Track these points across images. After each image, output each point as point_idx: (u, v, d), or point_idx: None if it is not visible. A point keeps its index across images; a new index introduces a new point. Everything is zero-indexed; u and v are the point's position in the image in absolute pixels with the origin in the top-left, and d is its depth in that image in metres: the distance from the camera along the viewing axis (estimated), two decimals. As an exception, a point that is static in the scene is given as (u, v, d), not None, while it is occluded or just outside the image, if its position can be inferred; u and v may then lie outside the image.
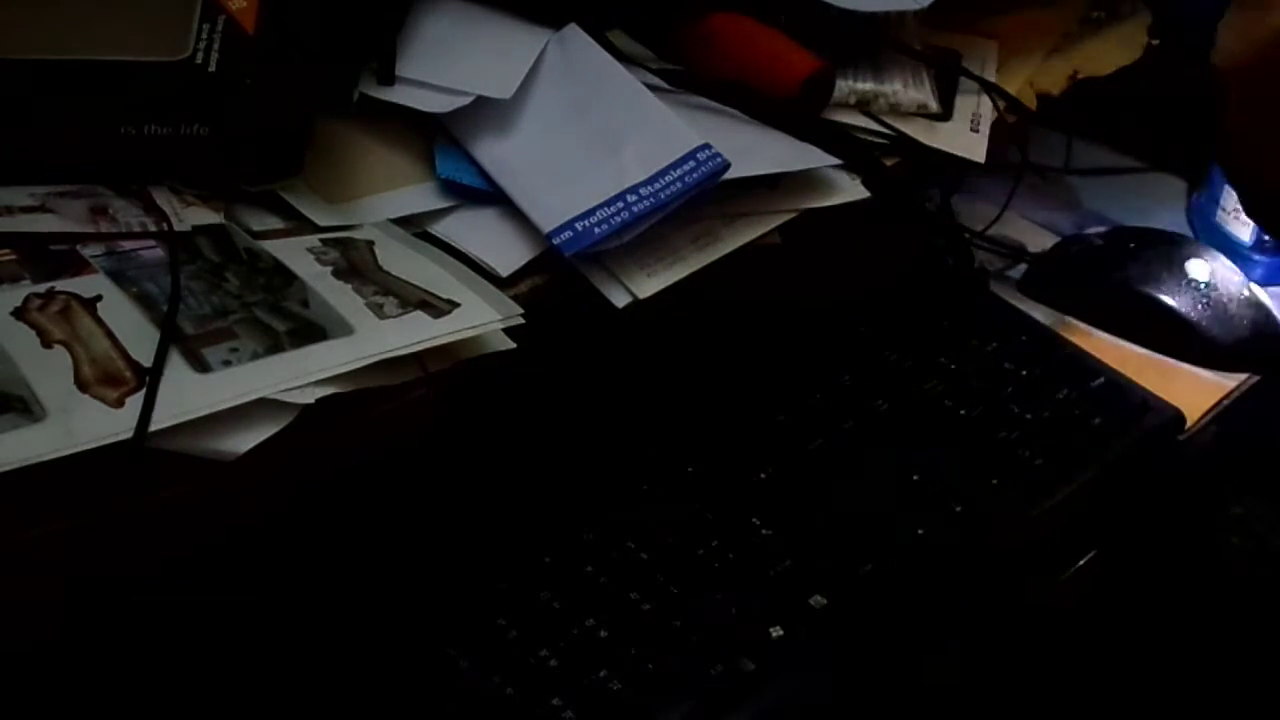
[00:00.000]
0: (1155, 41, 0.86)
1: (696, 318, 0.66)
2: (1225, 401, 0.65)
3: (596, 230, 0.60)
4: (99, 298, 0.51)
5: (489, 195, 0.64)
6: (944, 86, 0.79)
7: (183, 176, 0.59)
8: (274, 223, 0.60)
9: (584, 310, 0.61)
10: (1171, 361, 0.67)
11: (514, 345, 0.56)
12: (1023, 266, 0.73)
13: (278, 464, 0.49)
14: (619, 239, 0.62)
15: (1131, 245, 0.72)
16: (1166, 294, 0.68)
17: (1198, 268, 0.69)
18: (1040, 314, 0.69)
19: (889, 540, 0.54)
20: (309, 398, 0.49)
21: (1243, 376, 0.67)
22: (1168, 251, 0.71)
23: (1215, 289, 0.69)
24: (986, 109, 0.78)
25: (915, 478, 0.57)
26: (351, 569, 0.52)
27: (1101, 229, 0.75)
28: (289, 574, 0.51)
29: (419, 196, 0.64)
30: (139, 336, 0.50)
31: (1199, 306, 0.68)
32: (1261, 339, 0.67)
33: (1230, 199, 0.76)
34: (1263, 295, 0.70)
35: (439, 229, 0.63)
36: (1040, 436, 0.59)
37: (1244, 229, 0.77)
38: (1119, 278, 0.69)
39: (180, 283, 0.53)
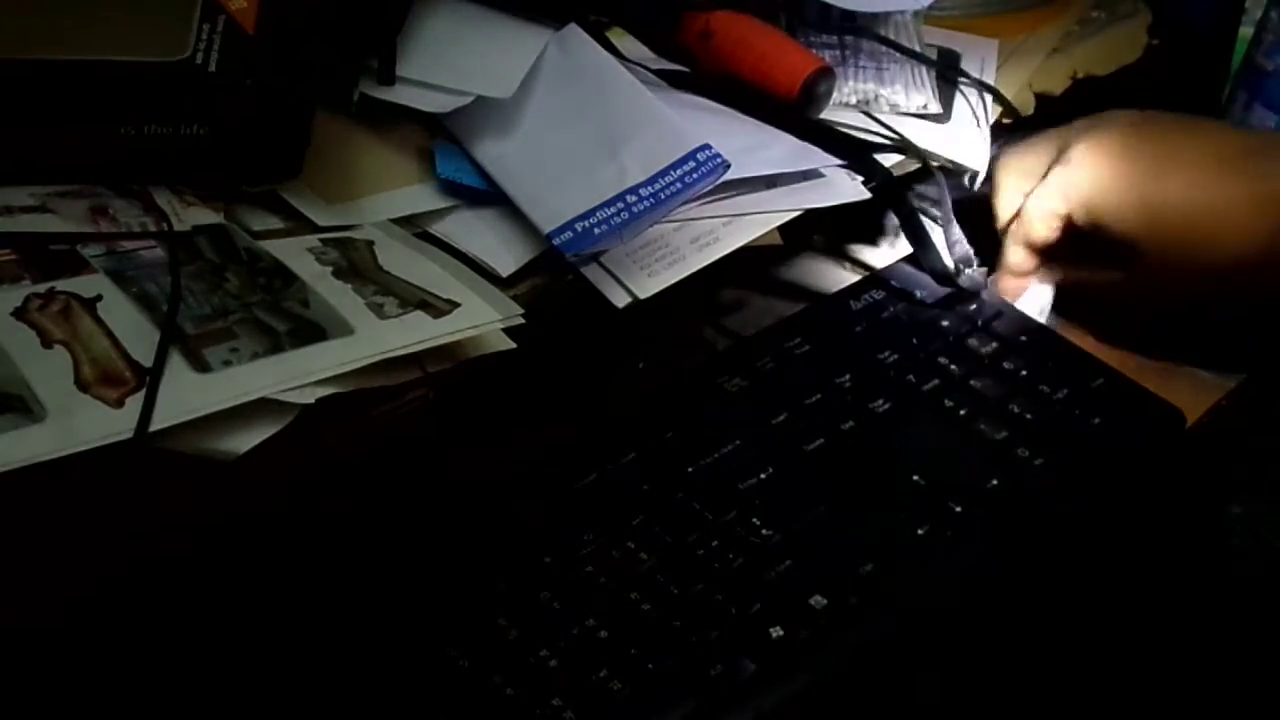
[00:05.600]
0: (1155, 41, 0.87)
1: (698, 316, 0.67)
2: (1225, 401, 0.65)
3: (596, 231, 0.60)
4: (99, 298, 0.51)
5: (489, 195, 0.64)
6: (944, 86, 0.79)
7: (183, 176, 0.59)
8: (274, 223, 0.60)
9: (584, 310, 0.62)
10: (1171, 361, 0.67)
11: (514, 345, 0.56)
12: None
13: (278, 464, 0.49)
14: (619, 239, 0.62)
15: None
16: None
17: None
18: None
19: (889, 540, 0.54)
20: (309, 398, 0.49)
21: (1243, 376, 0.67)
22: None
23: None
24: (986, 109, 0.78)
25: (915, 478, 0.57)
26: (352, 569, 0.52)
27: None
28: (289, 574, 0.51)
29: (419, 196, 0.64)
30: (139, 336, 0.50)
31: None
32: (1261, 338, 0.67)
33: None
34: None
35: (439, 229, 0.63)
36: (1040, 436, 0.59)
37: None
38: None
39: (180, 283, 0.53)
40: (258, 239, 0.58)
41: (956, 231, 0.70)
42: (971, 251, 0.70)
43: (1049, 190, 0.65)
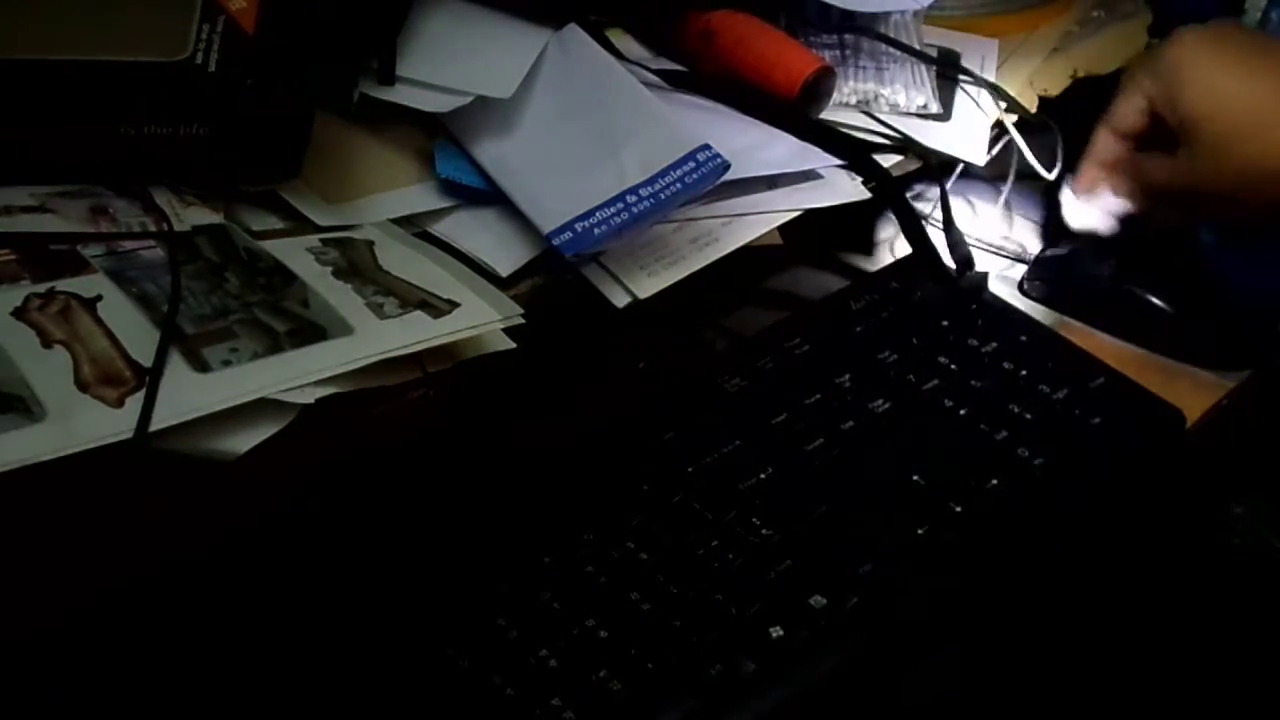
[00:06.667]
0: (1155, 41, 0.86)
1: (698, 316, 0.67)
2: (1225, 401, 0.65)
3: (596, 231, 0.60)
4: (99, 298, 0.51)
5: (489, 195, 0.64)
6: (944, 86, 0.79)
7: (183, 176, 0.59)
8: (274, 223, 0.60)
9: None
10: (1171, 361, 0.67)
11: (514, 345, 0.56)
12: (1022, 268, 0.73)
13: (278, 464, 0.49)
14: (619, 240, 0.62)
15: (1124, 247, 0.72)
16: (1164, 295, 0.68)
17: (1192, 267, 0.69)
18: (1040, 314, 0.69)
19: (889, 540, 0.54)
20: (309, 398, 0.49)
21: (1243, 376, 0.67)
22: (1162, 253, 0.71)
23: (1210, 287, 0.69)
24: (986, 109, 0.78)
25: (915, 478, 0.57)
26: (352, 569, 0.52)
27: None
28: (289, 574, 0.51)
29: (419, 196, 0.64)
30: (139, 336, 0.50)
31: (1196, 306, 0.68)
32: (1260, 337, 0.67)
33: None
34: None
35: (439, 229, 0.63)
36: (1040, 436, 0.59)
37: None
38: (1116, 279, 0.69)
39: (180, 283, 0.53)
40: (258, 239, 0.58)
41: (956, 232, 0.70)
42: (971, 252, 0.70)
43: (1138, 72, 0.68)
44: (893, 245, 0.74)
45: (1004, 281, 0.72)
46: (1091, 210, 0.69)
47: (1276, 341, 0.67)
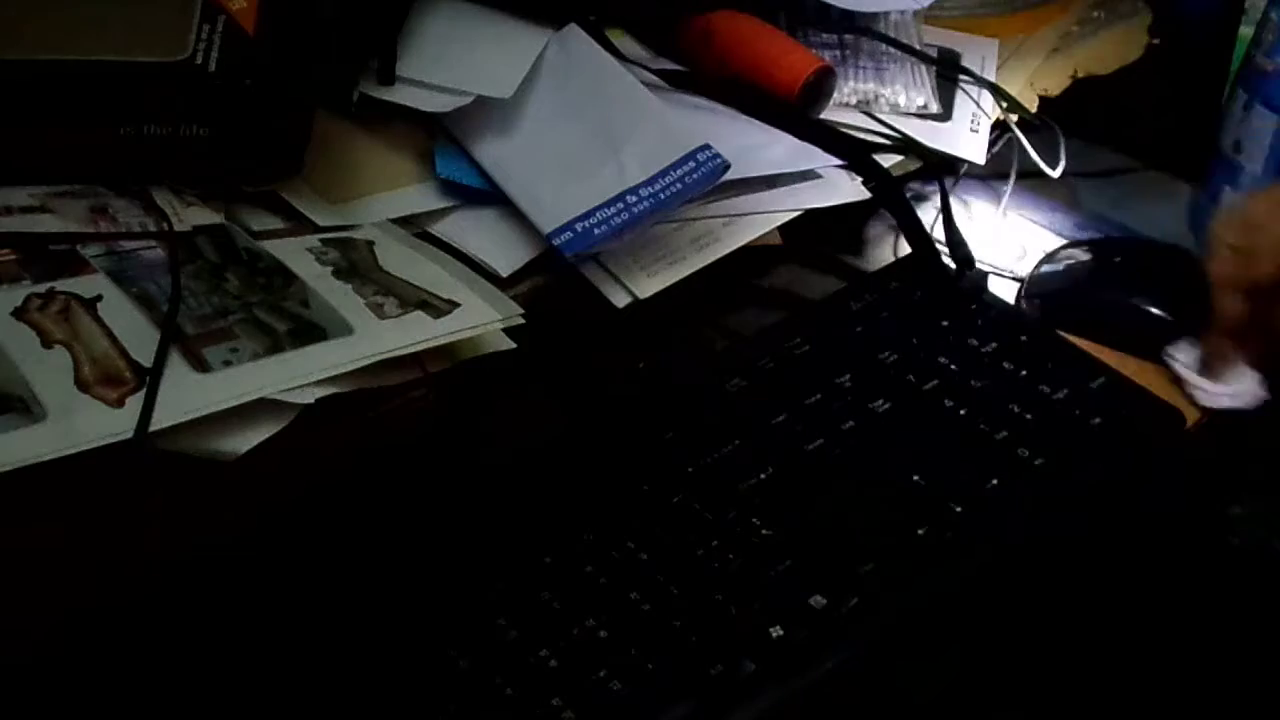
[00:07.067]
0: (1155, 41, 0.87)
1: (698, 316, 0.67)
2: (1225, 402, 0.65)
3: (596, 231, 0.60)
4: (99, 298, 0.52)
5: (489, 195, 0.64)
6: (944, 86, 0.79)
7: (183, 176, 0.59)
8: (274, 223, 0.60)
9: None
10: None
11: (514, 345, 0.56)
12: (1019, 269, 0.73)
13: (278, 464, 0.49)
14: (619, 239, 0.62)
15: (1118, 259, 0.71)
16: (1164, 305, 0.67)
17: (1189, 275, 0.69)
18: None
19: (889, 540, 0.54)
20: (309, 398, 0.49)
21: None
22: (1157, 262, 0.70)
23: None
24: (987, 109, 0.78)
25: (915, 478, 0.57)
26: (352, 569, 0.52)
27: (1087, 241, 0.74)
28: (289, 574, 0.51)
29: (419, 196, 0.64)
30: (139, 336, 0.50)
31: (1198, 313, 0.68)
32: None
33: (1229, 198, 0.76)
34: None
35: (439, 229, 0.63)
36: (1040, 436, 0.59)
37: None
38: (1114, 293, 0.69)
39: (180, 283, 0.53)
40: (258, 239, 0.58)
41: (956, 232, 0.70)
42: (972, 252, 0.70)
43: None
44: (893, 245, 0.74)
45: (1004, 281, 0.72)
46: (1235, 382, 0.63)
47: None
